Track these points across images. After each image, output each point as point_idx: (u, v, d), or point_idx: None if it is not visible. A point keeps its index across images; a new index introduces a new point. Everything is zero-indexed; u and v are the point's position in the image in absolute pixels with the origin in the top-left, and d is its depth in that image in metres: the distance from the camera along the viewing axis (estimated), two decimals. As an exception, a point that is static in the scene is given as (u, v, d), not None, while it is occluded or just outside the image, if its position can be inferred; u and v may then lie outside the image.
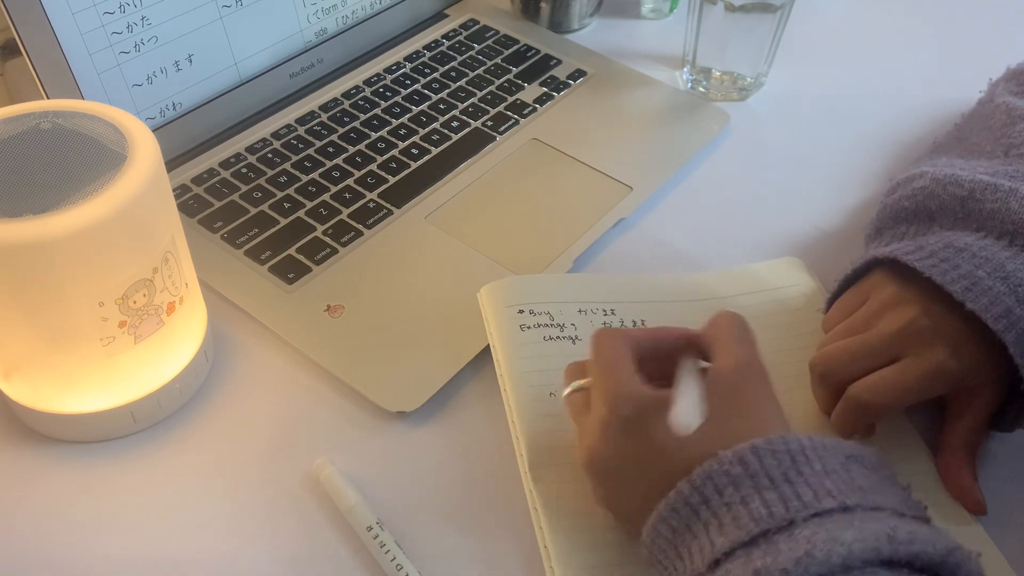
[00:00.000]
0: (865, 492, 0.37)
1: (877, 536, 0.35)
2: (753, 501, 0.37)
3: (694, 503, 0.38)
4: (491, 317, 0.54)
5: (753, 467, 0.38)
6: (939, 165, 0.55)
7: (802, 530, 0.35)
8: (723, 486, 0.38)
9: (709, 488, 0.38)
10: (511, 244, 0.60)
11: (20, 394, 0.49)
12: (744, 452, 0.38)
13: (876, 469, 0.40)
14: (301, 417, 0.52)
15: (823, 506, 0.36)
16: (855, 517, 0.36)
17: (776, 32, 0.71)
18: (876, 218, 0.56)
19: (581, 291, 0.57)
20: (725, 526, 0.37)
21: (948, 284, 0.46)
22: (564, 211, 0.63)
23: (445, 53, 0.77)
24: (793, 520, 0.36)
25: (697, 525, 0.38)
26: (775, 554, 0.35)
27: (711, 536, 0.37)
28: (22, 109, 0.46)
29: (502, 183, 0.66)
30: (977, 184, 0.51)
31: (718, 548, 0.37)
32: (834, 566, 0.34)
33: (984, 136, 0.58)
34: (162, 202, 0.46)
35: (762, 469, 0.38)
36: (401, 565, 0.44)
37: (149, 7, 0.60)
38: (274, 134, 0.68)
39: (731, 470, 0.38)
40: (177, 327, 0.49)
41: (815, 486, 0.37)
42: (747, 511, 0.37)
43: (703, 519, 0.38)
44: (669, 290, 0.58)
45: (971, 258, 0.47)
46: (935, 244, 0.49)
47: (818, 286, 0.59)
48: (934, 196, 0.52)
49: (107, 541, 0.46)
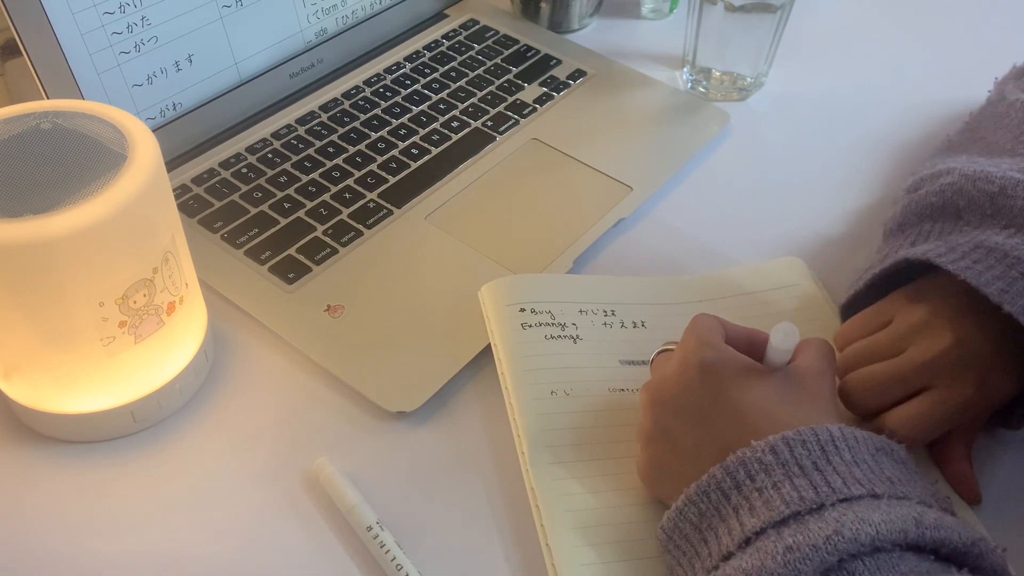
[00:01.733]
0: (893, 483, 0.39)
1: (904, 520, 0.36)
2: (784, 486, 0.38)
3: (726, 488, 0.40)
4: (492, 315, 0.54)
5: (784, 456, 0.39)
6: (962, 162, 0.55)
7: (831, 512, 0.37)
8: (755, 472, 0.39)
9: (741, 474, 0.39)
10: (511, 244, 0.60)
11: (20, 394, 0.49)
12: (776, 442, 0.39)
13: (904, 463, 0.41)
14: (301, 417, 0.52)
15: (852, 492, 0.37)
16: (883, 503, 0.37)
17: (776, 32, 0.71)
18: (900, 213, 0.55)
19: (581, 292, 0.57)
20: (756, 509, 0.38)
21: (984, 286, 0.46)
22: (564, 211, 0.63)
23: (445, 53, 0.77)
24: (823, 504, 0.37)
25: (727, 509, 0.39)
26: (805, 533, 0.36)
27: (741, 518, 0.39)
28: (22, 109, 0.46)
29: (502, 183, 0.66)
30: (1008, 180, 0.50)
31: (748, 528, 0.38)
32: (863, 545, 0.35)
33: (1002, 134, 0.58)
34: (162, 202, 0.46)
35: (793, 458, 0.39)
36: (401, 565, 0.44)
37: (149, 7, 0.60)
38: (274, 134, 0.68)
39: (763, 458, 0.39)
40: (177, 327, 0.49)
41: (844, 474, 0.38)
42: (779, 495, 0.38)
43: (733, 503, 0.39)
44: (669, 293, 0.58)
45: (1003, 258, 0.47)
46: (966, 245, 0.49)
47: (819, 286, 0.59)
48: (963, 192, 0.52)
49: (107, 541, 0.46)
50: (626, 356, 0.54)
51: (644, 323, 0.56)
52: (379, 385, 0.52)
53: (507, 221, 0.63)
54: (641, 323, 0.56)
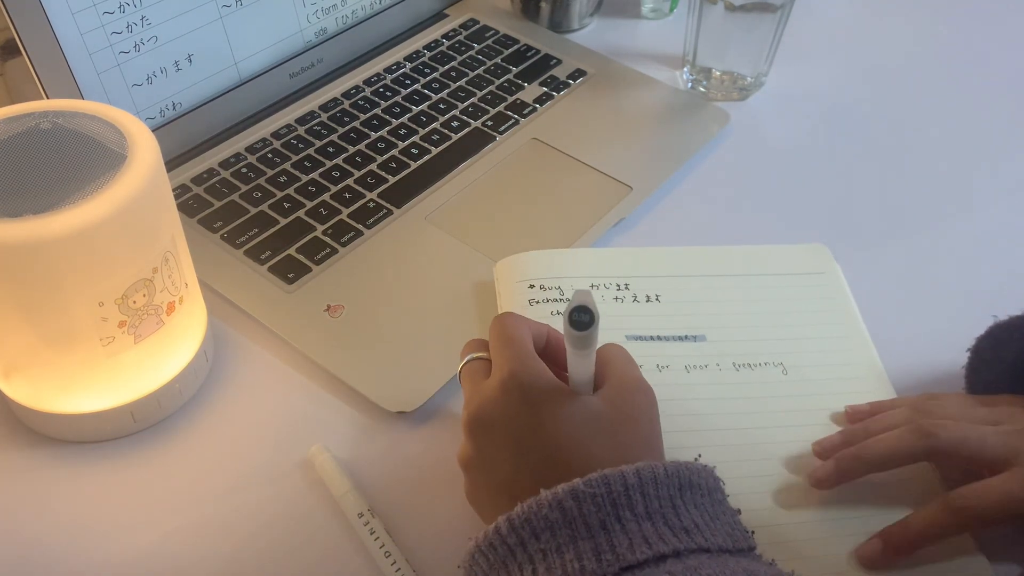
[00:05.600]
0: (690, 532, 0.37)
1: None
2: (567, 552, 0.37)
3: (511, 543, 0.38)
4: (503, 291, 0.55)
5: (572, 513, 0.37)
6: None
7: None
8: (540, 531, 0.37)
9: (527, 531, 0.38)
10: (511, 244, 0.60)
11: (20, 394, 0.49)
12: (564, 496, 0.37)
13: (711, 493, 0.40)
14: (301, 417, 0.52)
15: (636, 558, 0.36)
16: (667, 567, 0.36)
17: (776, 32, 0.71)
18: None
19: (596, 265, 0.57)
20: (538, 573, 0.37)
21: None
22: (564, 211, 0.63)
23: (445, 53, 0.77)
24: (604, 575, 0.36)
25: (512, 566, 0.38)
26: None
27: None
28: (22, 109, 0.46)
29: (502, 183, 0.66)
30: None
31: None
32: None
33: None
34: (162, 202, 0.46)
35: (580, 515, 0.37)
36: (390, 552, 0.45)
37: (149, 7, 0.60)
38: (274, 134, 0.68)
39: (549, 515, 0.37)
40: (177, 327, 0.49)
41: (632, 533, 0.37)
42: (560, 563, 0.37)
43: (518, 560, 0.38)
44: (687, 264, 0.58)
45: None
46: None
47: (844, 280, 0.58)
48: None
49: (107, 541, 0.46)
50: (633, 331, 0.54)
51: (658, 296, 0.56)
52: (379, 385, 0.52)
53: (507, 221, 0.63)
54: (655, 297, 0.56)
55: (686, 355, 0.53)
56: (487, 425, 0.42)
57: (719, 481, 0.41)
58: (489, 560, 0.39)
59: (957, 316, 0.54)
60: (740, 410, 0.51)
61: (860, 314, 0.57)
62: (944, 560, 0.45)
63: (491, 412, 0.42)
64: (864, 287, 0.59)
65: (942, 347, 0.50)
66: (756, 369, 0.53)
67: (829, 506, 0.47)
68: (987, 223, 0.65)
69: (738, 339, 0.54)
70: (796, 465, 0.49)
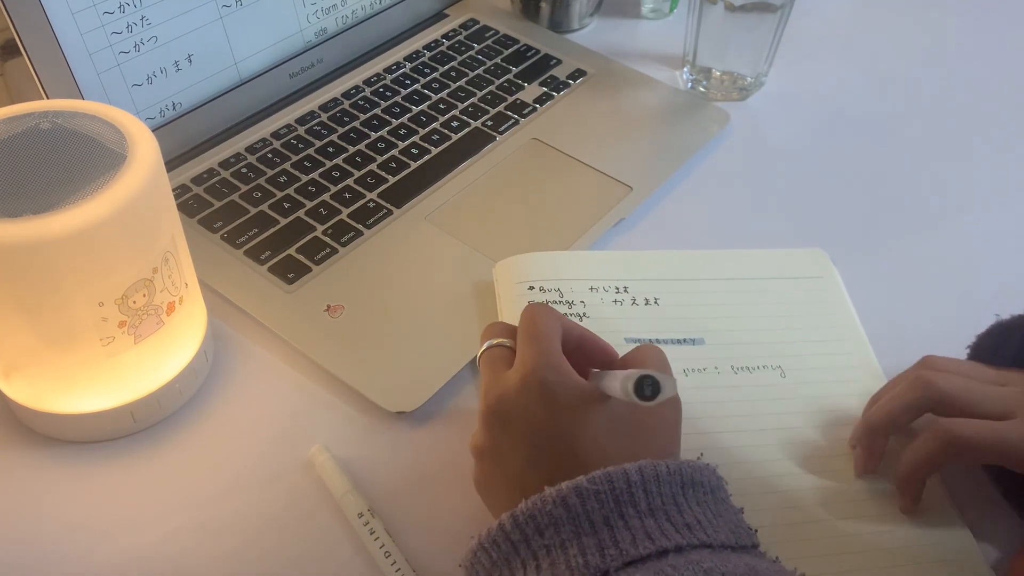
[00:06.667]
0: (692, 528, 0.37)
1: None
2: (571, 547, 0.37)
3: (515, 540, 0.38)
4: (502, 293, 0.55)
5: (575, 510, 0.37)
6: None
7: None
8: (544, 527, 0.38)
9: (531, 527, 0.38)
10: (511, 244, 0.60)
11: (20, 394, 0.49)
12: (568, 493, 0.38)
13: (713, 491, 0.40)
14: (301, 417, 0.52)
15: (639, 552, 0.36)
16: (669, 560, 0.36)
17: (776, 32, 0.71)
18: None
19: (596, 268, 0.57)
20: (542, 570, 0.37)
21: None
22: (564, 211, 0.63)
23: (445, 53, 0.77)
24: (607, 570, 0.36)
25: (516, 562, 0.38)
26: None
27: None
28: (22, 109, 0.46)
29: (502, 183, 0.66)
30: None
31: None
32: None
33: None
34: (162, 202, 0.46)
35: (584, 512, 0.37)
36: (390, 552, 0.45)
37: (149, 7, 0.60)
38: (274, 134, 0.68)
39: (553, 511, 0.38)
40: (177, 327, 0.49)
41: (635, 529, 0.37)
42: (564, 558, 0.37)
43: (521, 556, 0.38)
44: (685, 268, 0.58)
45: None
46: None
47: (842, 284, 0.58)
48: None
49: (107, 541, 0.46)
50: (632, 334, 0.54)
51: (657, 300, 0.56)
52: (379, 385, 0.52)
53: (507, 221, 0.63)
54: (654, 300, 0.56)
55: (685, 358, 0.53)
56: (504, 418, 0.42)
57: (722, 479, 0.41)
58: (492, 557, 0.39)
59: (955, 320, 0.54)
60: (738, 413, 0.51)
61: (857, 316, 0.57)
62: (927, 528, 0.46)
63: (509, 406, 0.42)
64: (863, 287, 0.59)
65: (940, 350, 0.50)
66: (754, 372, 0.53)
67: (830, 506, 0.47)
68: (987, 225, 0.65)
69: (736, 342, 0.54)
70: (795, 467, 0.49)
